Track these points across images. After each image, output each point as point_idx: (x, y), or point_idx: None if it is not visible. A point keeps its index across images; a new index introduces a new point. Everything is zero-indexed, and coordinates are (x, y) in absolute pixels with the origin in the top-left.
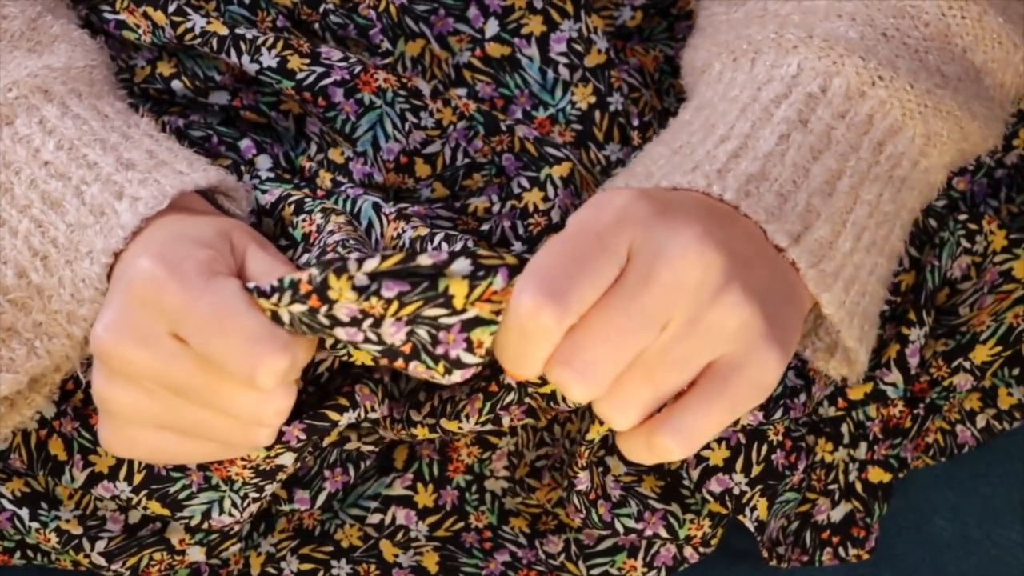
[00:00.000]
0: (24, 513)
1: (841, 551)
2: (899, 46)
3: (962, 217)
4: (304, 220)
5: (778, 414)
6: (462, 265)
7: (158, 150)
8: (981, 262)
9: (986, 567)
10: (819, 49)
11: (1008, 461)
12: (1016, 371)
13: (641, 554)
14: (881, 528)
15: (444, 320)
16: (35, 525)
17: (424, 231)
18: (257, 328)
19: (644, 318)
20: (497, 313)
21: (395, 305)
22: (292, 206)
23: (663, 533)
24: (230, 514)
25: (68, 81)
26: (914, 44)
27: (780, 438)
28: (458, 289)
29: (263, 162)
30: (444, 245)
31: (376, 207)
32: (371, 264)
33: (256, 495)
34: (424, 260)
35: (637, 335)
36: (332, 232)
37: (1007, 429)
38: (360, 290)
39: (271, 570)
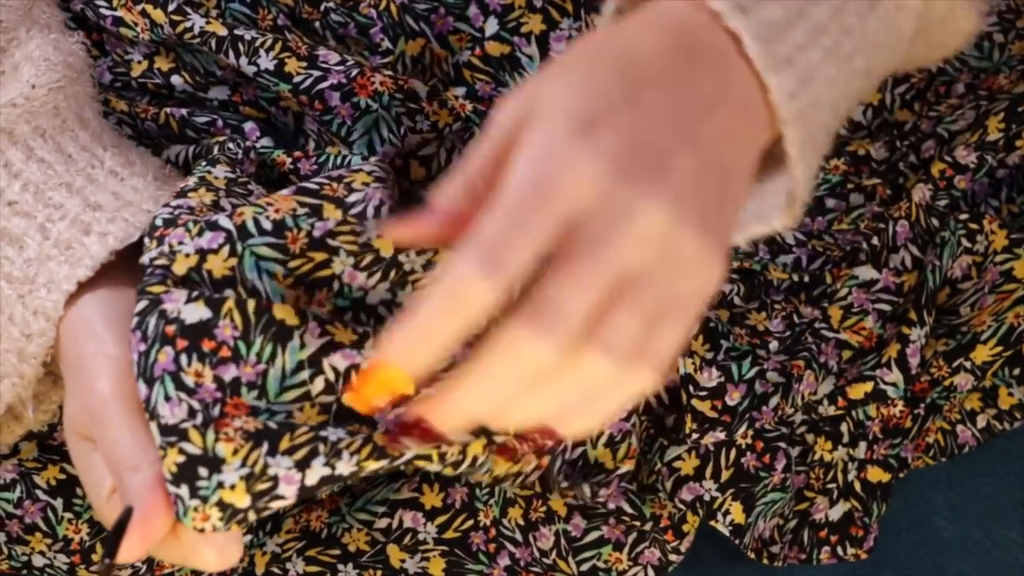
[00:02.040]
0: (58, 503)
1: (839, 550)
2: None
3: (963, 217)
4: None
5: (742, 428)
6: None
7: (123, 190)
8: (982, 262)
9: (986, 567)
10: None
11: (1008, 461)
12: (1017, 371)
13: (626, 550)
14: (881, 528)
15: None
16: (68, 516)
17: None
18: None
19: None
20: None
21: None
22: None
23: (626, 507)
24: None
25: (31, 118)
26: None
27: (749, 441)
28: None
29: (266, 144)
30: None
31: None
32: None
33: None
34: None
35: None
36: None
37: (1007, 429)
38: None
39: (276, 570)
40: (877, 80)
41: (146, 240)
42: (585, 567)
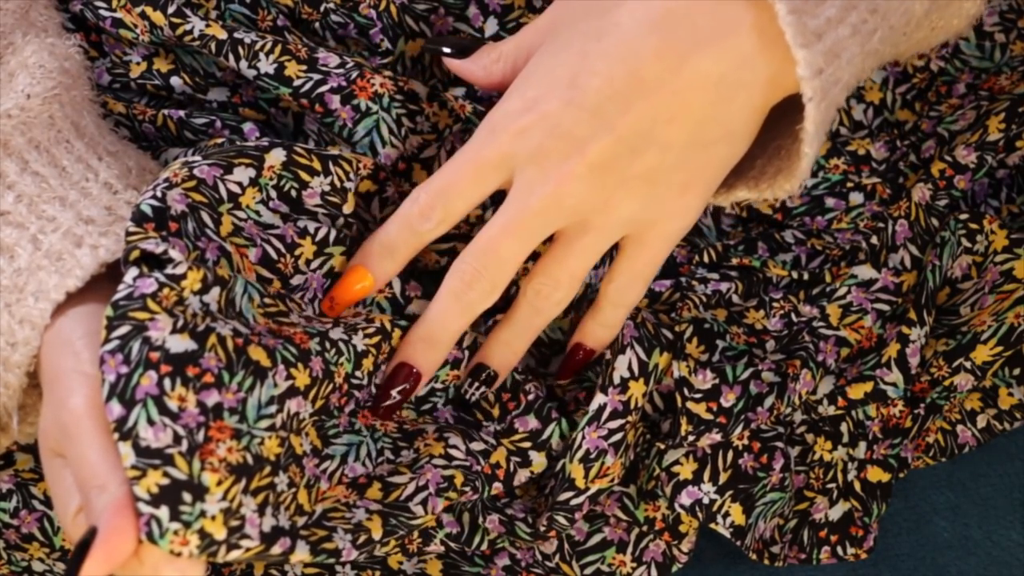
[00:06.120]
0: (55, 514)
1: (839, 550)
2: None
3: (963, 216)
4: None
5: (738, 429)
6: None
7: (116, 204)
8: (982, 262)
9: (986, 568)
10: None
11: (1008, 461)
12: (1017, 371)
13: (630, 549)
14: (881, 528)
15: None
16: None
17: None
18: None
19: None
20: None
21: None
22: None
23: (620, 514)
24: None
25: (27, 130)
26: None
27: (746, 442)
28: None
29: None
30: None
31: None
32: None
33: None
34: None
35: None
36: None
37: (1008, 429)
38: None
39: (275, 572)
40: (880, 65)
41: (131, 226)
42: (589, 571)
